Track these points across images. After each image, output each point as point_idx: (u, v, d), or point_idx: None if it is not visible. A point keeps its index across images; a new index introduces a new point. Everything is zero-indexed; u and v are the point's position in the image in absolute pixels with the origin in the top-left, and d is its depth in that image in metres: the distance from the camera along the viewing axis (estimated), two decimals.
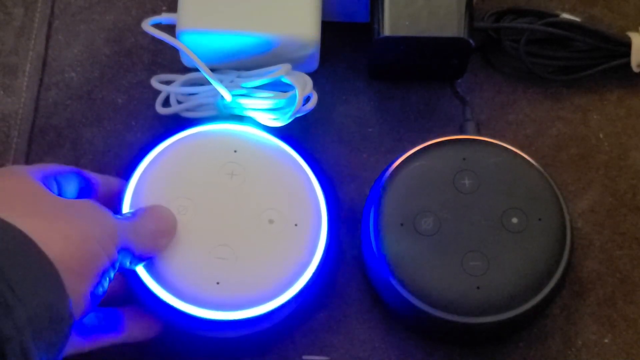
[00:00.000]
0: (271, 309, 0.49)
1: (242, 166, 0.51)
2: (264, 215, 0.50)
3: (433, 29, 0.53)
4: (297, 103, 0.52)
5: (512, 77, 0.59)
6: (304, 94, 0.53)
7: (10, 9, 0.61)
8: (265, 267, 0.49)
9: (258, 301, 0.48)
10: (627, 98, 0.59)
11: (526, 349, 0.53)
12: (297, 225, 0.50)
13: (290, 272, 0.49)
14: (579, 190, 0.57)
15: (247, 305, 0.48)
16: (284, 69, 0.53)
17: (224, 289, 0.48)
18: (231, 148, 0.51)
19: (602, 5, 0.61)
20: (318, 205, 0.51)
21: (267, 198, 0.50)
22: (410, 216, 0.51)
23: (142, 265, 0.48)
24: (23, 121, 0.58)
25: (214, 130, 0.52)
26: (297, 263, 0.49)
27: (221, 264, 0.48)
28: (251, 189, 0.50)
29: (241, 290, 0.48)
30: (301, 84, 0.53)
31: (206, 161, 0.51)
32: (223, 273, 0.48)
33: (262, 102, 0.53)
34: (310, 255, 0.50)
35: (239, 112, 0.54)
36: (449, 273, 0.49)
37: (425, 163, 0.52)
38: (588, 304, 0.54)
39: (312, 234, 0.50)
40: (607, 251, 0.55)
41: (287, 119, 0.53)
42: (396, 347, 0.53)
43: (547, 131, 0.58)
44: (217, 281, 0.48)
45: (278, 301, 0.49)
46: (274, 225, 0.50)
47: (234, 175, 0.51)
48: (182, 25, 0.54)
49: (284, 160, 0.52)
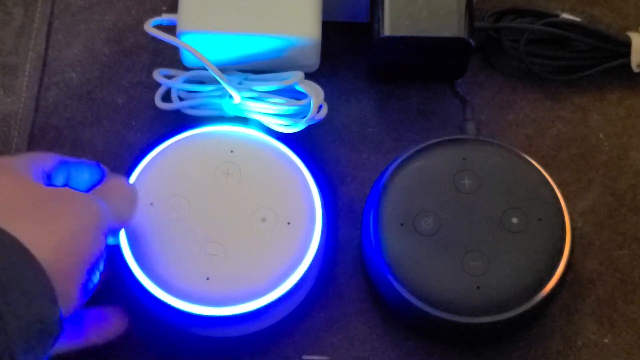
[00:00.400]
0: (262, 305, 0.49)
1: (238, 166, 0.51)
2: (257, 213, 0.50)
3: (433, 29, 0.53)
4: (311, 111, 0.53)
5: (512, 77, 0.59)
6: (318, 102, 0.53)
7: (10, 9, 0.61)
8: (256, 264, 0.49)
9: (247, 297, 0.49)
10: (627, 98, 0.59)
11: (526, 349, 0.53)
12: (289, 223, 0.50)
13: (281, 269, 0.49)
14: (579, 190, 0.57)
15: (236, 301, 0.49)
16: (297, 76, 0.53)
17: (214, 284, 0.49)
18: (228, 148, 0.52)
19: (602, 5, 0.61)
20: (312, 204, 0.51)
21: (260, 197, 0.51)
22: (410, 216, 0.51)
23: (135, 261, 0.49)
24: (23, 121, 0.58)
25: (211, 131, 0.53)
26: (289, 260, 0.50)
27: (211, 261, 0.49)
28: (246, 188, 0.51)
29: (230, 286, 0.49)
30: (314, 93, 0.53)
31: (203, 161, 0.52)
32: (213, 269, 0.49)
33: (273, 107, 0.53)
34: (302, 253, 0.50)
35: (244, 114, 0.54)
36: (448, 273, 0.49)
37: (425, 163, 0.52)
38: (588, 304, 0.54)
39: (305, 232, 0.50)
40: (607, 251, 0.55)
41: (301, 126, 0.53)
42: (396, 347, 0.53)
43: (547, 131, 0.58)
44: (207, 277, 0.49)
45: (268, 298, 0.49)
46: (266, 224, 0.50)
47: (230, 175, 0.51)
48: (182, 26, 0.54)
49: (280, 160, 0.52)
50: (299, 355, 0.53)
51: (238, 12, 0.54)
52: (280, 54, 0.55)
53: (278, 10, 0.54)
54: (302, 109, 0.53)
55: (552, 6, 0.61)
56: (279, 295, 0.49)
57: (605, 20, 0.61)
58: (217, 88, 0.54)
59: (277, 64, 0.55)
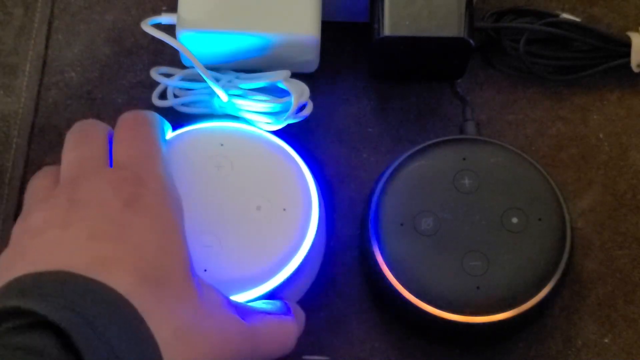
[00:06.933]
0: (264, 292, 0.49)
1: (229, 158, 0.52)
2: (252, 202, 0.50)
3: (433, 29, 0.53)
4: (291, 109, 0.53)
5: (512, 77, 0.59)
6: (299, 101, 0.53)
7: (10, 9, 0.61)
8: (254, 252, 0.49)
9: (248, 285, 0.49)
10: (627, 98, 0.59)
11: (526, 349, 0.53)
12: (285, 210, 0.50)
13: (280, 254, 0.49)
14: (579, 190, 0.57)
15: (236, 290, 0.49)
16: (282, 75, 0.53)
17: (212, 275, 0.49)
18: (217, 142, 0.52)
19: (602, 5, 0.61)
20: (308, 189, 0.51)
21: (254, 186, 0.51)
22: (410, 216, 0.51)
23: None
24: (23, 121, 0.58)
25: (200, 127, 0.53)
26: (287, 246, 0.50)
27: (208, 252, 0.49)
28: (238, 179, 0.51)
29: (230, 276, 0.49)
30: (298, 92, 0.53)
31: (193, 157, 0.52)
32: (210, 260, 0.49)
33: (257, 104, 0.53)
34: (301, 237, 0.50)
35: (234, 112, 0.55)
36: (448, 273, 0.49)
37: (425, 163, 0.52)
38: (588, 304, 0.54)
39: (301, 217, 0.50)
40: (607, 251, 0.55)
41: (280, 124, 0.53)
42: (396, 347, 0.53)
43: (547, 131, 0.58)
44: (204, 268, 0.49)
45: (270, 284, 0.49)
46: (261, 212, 0.50)
47: (221, 167, 0.51)
48: (181, 25, 0.54)
49: (271, 149, 0.52)
50: (299, 355, 0.52)
51: (237, 10, 0.54)
52: (280, 53, 0.55)
53: (278, 9, 0.54)
54: (285, 106, 0.53)
55: (552, 6, 0.61)
56: (280, 282, 0.49)
57: (605, 20, 0.61)
58: (208, 86, 0.54)
59: (276, 63, 0.55)
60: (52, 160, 0.57)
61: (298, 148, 0.53)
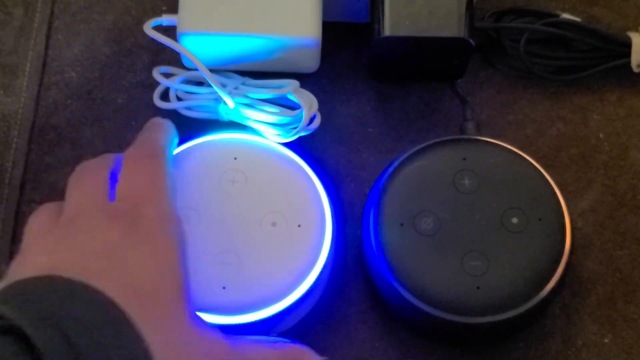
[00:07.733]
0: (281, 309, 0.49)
1: (243, 172, 0.51)
2: (267, 218, 0.50)
3: (433, 29, 0.53)
4: (302, 122, 0.53)
5: (512, 77, 0.59)
6: (310, 113, 0.53)
7: (10, 9, 0.61)
8: (271, 268, 0.49)
9: (266, 303, 0.49)
10: (627, 98, 0.59)
11: (526, 349, 0.53)
12: (300, 226, 0.50)
13: (296, 271, 0.49)
14: (579, 190, 0.57)
15: (255, 308, 0.48)
16: (292, 86, 0.53)
17: (230, 293, 0.48)
18: (231, 156, 0.52)
19: (602, 5, 0.61)
20: (321, 205, 0.51)
21: (269, 201, 0.51)
22: (410, 216, 0.51)
23: None
24: (23, 121, 0.58)
25: (212, 140, 0.53)
26: (303, 262, 0.49)
27: (226, 269, 0.49)
28: (253, 194, 0.51)
29: (248, 293, 0.49)
30: (307, 104, 0.53)
31: (207, 171, 0.51)
32: (228, 278, 0.49)
33: (266, 116, 0.53)
34: (315, 255, 0.50)
35: (240, 120, 0.54)
36: (448, 273, 0.49)
37: (425, 163, 0.52)
38: (588, 304, 0.54)
39: (316, 233, 0.50)
40: (607, 251, 0.55)
41: (291, 137, 0.53)
42: (396, 347, 0.53)
43: (547, 131, 0.58)
44: (223, 286, 0.48)
45: (287, 301, 0.49)
46: (277, 228, 0.50)
47: (235, 182, 0.51)
48: (182, 27, 0.54)
49: (285, 164, 0.52)
50: None
51: (238, 12, 0.54)
52: (281, 54, 0.55)
53: (278, 10, 0.54)
54: (295, 119, 0.53)
55: (552, 6, 0.61)
56: (297, 298, 0.49)
57: (605, 20, 0.61)
58: (214, 91, 0.54)
59: (277, 64, 0.55)
60: (52, 160, 0.57)
61: (307, 158, 0.53)
